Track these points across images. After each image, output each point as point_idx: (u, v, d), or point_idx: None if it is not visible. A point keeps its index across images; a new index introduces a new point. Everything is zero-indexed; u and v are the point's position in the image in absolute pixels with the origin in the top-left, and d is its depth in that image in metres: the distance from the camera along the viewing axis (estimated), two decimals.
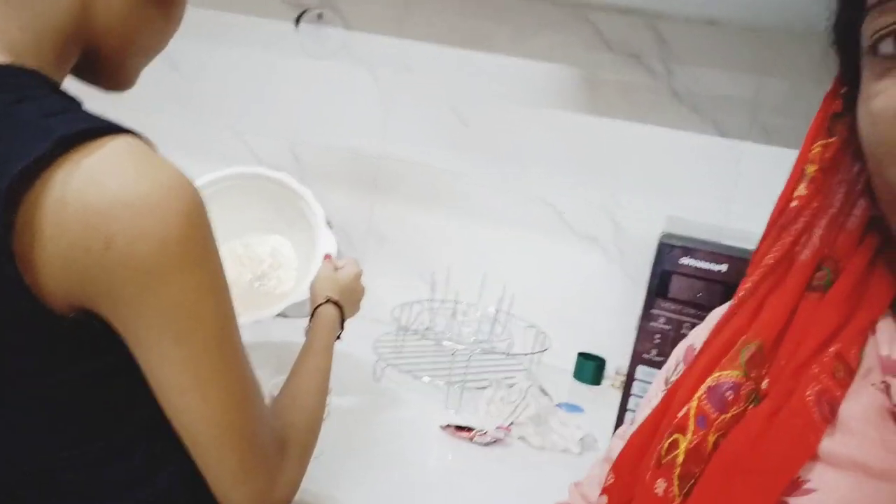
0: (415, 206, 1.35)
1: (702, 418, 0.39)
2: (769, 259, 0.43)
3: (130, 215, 0.42)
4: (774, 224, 0.44)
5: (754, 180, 1.18)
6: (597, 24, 1.22)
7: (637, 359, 0.82)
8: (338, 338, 0.78)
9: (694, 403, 0.40)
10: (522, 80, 1.26)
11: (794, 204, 0.43)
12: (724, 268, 0.78)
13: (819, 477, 0.34)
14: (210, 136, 1.44)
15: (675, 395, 0.43)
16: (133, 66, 0.58)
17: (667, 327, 0.80)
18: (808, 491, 0.34)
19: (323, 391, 0.67)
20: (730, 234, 1.02)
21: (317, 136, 1.39)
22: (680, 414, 0.40)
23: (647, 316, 0.81)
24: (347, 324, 0.83)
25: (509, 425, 0.96)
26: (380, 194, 1.37)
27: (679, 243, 0.80)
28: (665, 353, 0.80)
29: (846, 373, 0.36)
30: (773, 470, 0.35)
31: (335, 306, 0.79)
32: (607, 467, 0.47)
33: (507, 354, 1.08)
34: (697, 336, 0.48)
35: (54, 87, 0.49)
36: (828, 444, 0.35)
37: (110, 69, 0.56)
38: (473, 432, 0.94)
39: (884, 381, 0.35)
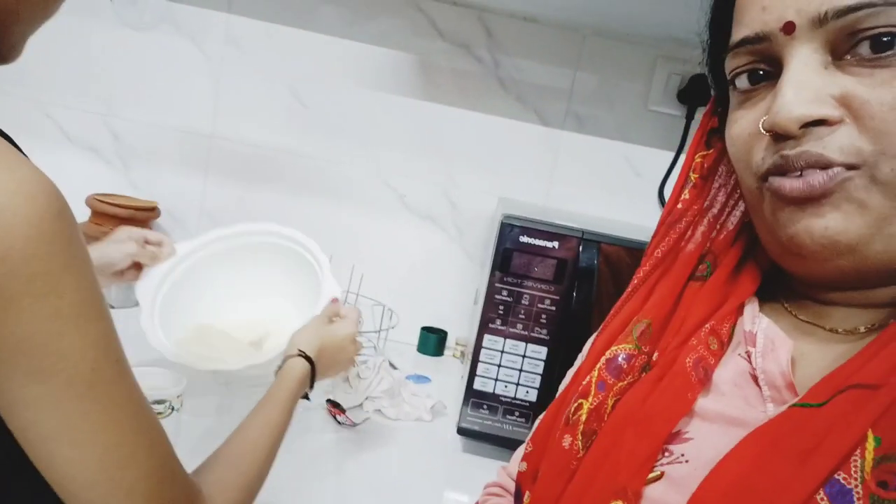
0: (253, 187, 1.32)
1: (601, 384, 0.46)
2: (658, 252, 0.51)
3: None
4: (663, 223, 0.52)
5: (569, 165, 1.32)
6: (429, 13, 1.27)
7: (484, 328, 0.90)
8: (305, 397, 0.73)
9: (595, 373, 0.47)
10: (359, 62, 1.28)
11: (679, 206, 0.51)
12: (556, 244, 0.88)
13: (695, 429, 0.42)
14: (8, 109, 1.28)
15: (580, 372, 0.50)
16: (18, 35, 0.48)
17: (509, 299, 0.89)
18: (687, 440, 0.41)
19: (270, 449, 0.61)
20: (553, 213, 1.14)
21: (138, 113, 1.30)
22: (584, 382, 0.47)
23: (491, 289, 0.89)
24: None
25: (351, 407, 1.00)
26: (213, 176, 1.32)
27: (518, 223, 0.89)
28: (507, 321, 0.89)
29: (719, 345, 0.44)
30: (658, 420, 0.42)
31: (307, 362, 0.73)
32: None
33: (360, 333, 1.12)
34: None
35: None
36: (702, 402, 0.42)
37: None
38: (343, 413, 0.96)
39: (747, 351, 0.43)
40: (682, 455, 0.41)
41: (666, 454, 0.41)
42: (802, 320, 0.44)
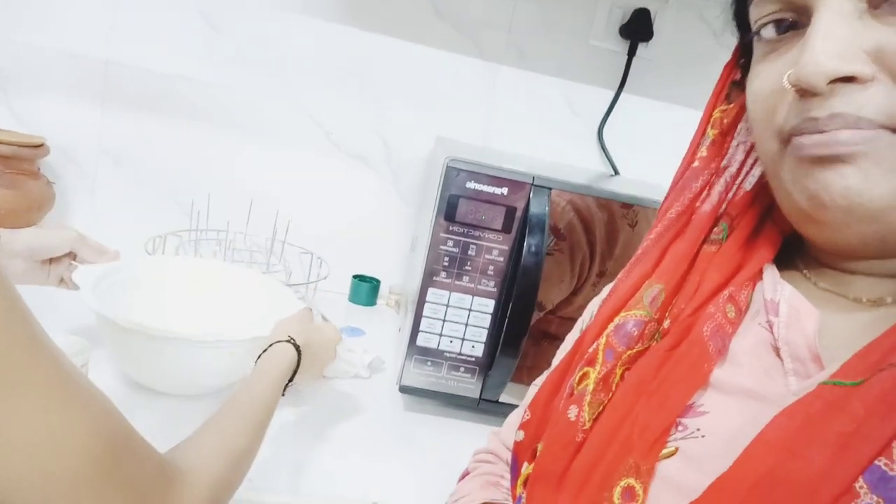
0: (158, 122, 1.17)
1: (609, 352, 0.42)
2: (671, 213, 0.47)
3: None
4: (678, 181, 0.48)
5: (509, 101, 1.25)
6: None
7: (427, 281, 0.83)
8: (284, 390, 0.67)
9: (602, 340, 0.43)
10: None
11: (695, 164, 0.47)
12: (504, 191, 0.82)
13: (710, 401, 0.39)
14: None
15: (585, 338, 0.45)
16: None
17: (454, 250, 0.83)
18: (702, 413, 0.38)
19: (258, 425, 0.56)
20: (496, 155, 1.08)
21: (20, 33, 1.11)
22: (590, 350, 0.43)
23: (436, 240, 0.83)
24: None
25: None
26: (112, 107, 1.16)
27: (465, 168, 0.82)
28: (453, 274, 0.84)
29: (737, 313, 0.41)
30: (673, 392, 0.38)
31: (295, 350, 0.68)
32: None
33: (288, 285, 1.03)
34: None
35: None
36: (718, 374, 0.39)
37: None
38: None
39: (768, 321, 0.40)
40: (698, 429, 0.38)
41: (679, 428, 0.38)
42: (822, 288, 0.41)
